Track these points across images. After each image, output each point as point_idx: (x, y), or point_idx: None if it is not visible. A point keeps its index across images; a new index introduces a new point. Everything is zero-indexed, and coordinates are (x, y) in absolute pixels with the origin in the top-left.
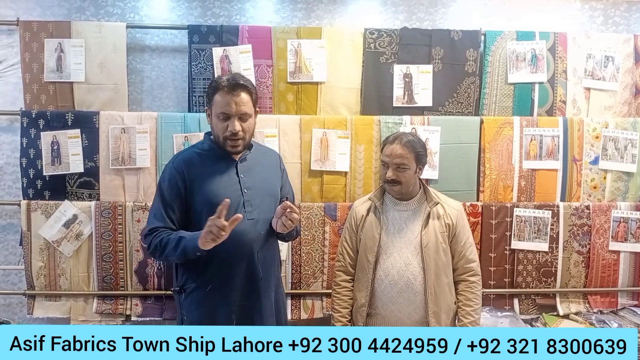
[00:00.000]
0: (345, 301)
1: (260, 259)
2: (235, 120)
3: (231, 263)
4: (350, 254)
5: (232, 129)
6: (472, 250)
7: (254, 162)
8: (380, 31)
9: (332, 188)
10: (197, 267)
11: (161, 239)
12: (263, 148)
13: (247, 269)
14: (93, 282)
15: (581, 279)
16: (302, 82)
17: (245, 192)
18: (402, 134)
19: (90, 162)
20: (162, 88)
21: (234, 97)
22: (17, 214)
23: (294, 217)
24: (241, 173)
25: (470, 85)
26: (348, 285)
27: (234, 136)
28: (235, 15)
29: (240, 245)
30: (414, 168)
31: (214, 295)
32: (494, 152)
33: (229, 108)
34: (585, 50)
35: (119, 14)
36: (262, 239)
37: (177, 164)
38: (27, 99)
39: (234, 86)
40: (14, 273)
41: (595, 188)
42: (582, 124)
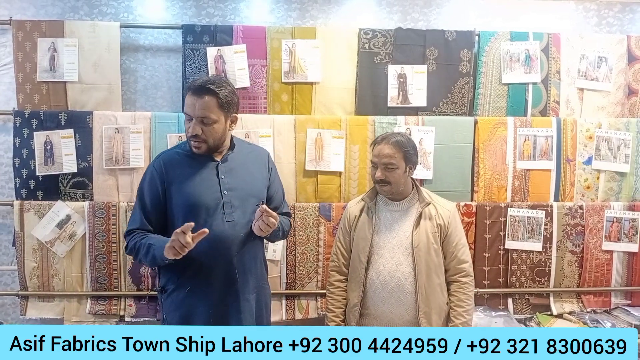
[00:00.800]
0: (339, 301)
1: (238, 261)
2: (196, 123)
3: (209, 265)
4: (344, 254)
5: (192, 132)
6: (465, 251)
7: (236, 163)
8: (375, 31)
9: (327, 188)
10: (177, 269)
11: (135, 242)
12: (250, 147)
13: (225, 272)
14: (87, 282)
15: (575, 279)
16: (297, 82)
17: (225, 194)
18: (390, 134)
19: (83, 162)
20: (156, 88)
21: (197, 100)
22: (10, 214)
23: (270, 221)
24: (222, 174)
25: (465, 86)
26: (342, 285)
27: (193, 138)
28: (229, 15)
29: (218, 248)
30: (403, 167)
31: (192, 296)
32: (488, 152)
33: (190, 109)
34: (579, 50)
35: (112, 13)
36: (241, 241)
37: (157, 165)
38: (20, 99)
39: (199, 89)
40: (7, 274)
41: (589, 188)
42: (575, 125)
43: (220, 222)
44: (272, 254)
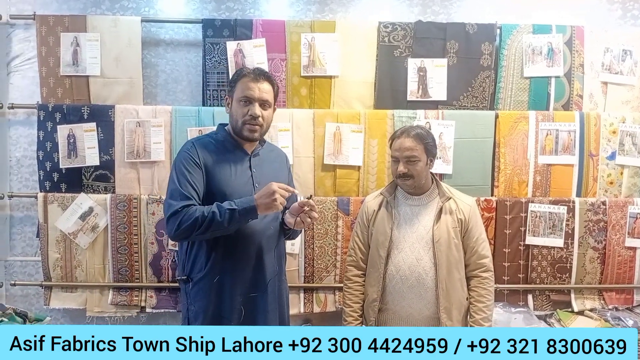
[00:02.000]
0: (356, 296)
1: (267, 252)
2: (257, 105)
3: (238, 256)
4: (362, 249)
5: (253, 113)
6: (485, 246)
7: (264, 158)
8: (395, 25)
9: (345, 182)
10: (205, 258)
11: (204, 211)
12: (271, 146)
13: (254, 262)
14: (108, 273)
15: (596, 275)
16: (316, 76)
17: (256, 187)
18: (409, 127)
19: (105, 155)
20: (176, 82)
21: (258, 84)
22: (34, 206)
23: (313, 215)
24: (254, 167)
25: (485, 79)
26: (359, 280)
27: (253, 120)
28: (249, 9)
29: (247, 239)
30: (425, 160)
31: (221, 286)
32: (509, 146)
33: (251, 92)
34: (603, 43)
35: (134, 8)
36: (270, 233)
37: (192, 148)
38: (44, 93)
39: (259, 74)
40: (30, 264)
41: (612, 184)
42: (599, 119)
43: None
44: (290, 247)
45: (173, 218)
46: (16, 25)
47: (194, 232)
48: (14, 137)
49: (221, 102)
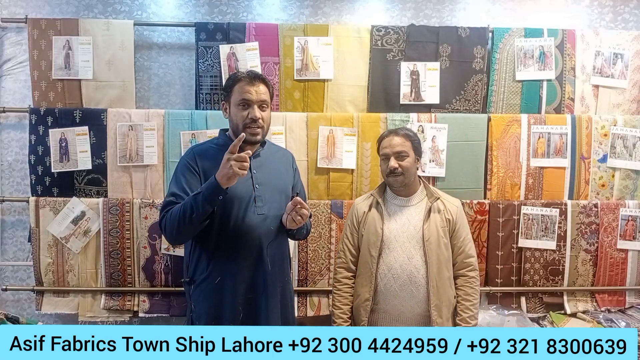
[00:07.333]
0: (346, 298)
1: (268, 254)
2: (256, 107)
3: (240, 257)
4: (352, 251)
5: (253, 116)
6: (471, 245)
7: (266, 159)
8: (387, 28)
9: (339, 185)
10: (207, 260)
11: (179, 206)
12: (276, 147)
13: (255, 264)
14: (101, 278)
15: (589, 278)
16: (309, 79)
17: (257, 188)
18: (396, 128)
19: (98, 159)
20: (169, 85)
21: (254, 87)
22: (26, 210)
23: (303, 212)
24: (254, 169)
25: (478, 83)
26: (349, 282)
27: (253, 123)
28: (242, 12)
29: (249, 240)
30: (413, 157)
31: (222, 287)
32: (501, 149)
33: (249, 95)
34: (594, 47)
35: (126, 11)
36: (271, 235)
37: (191, 156)
38: (36, 96)
39: (254, 77)
40: (22, 269)
41: (604, 186)
42: (590, 122)
43: (252, 214)
44: None
45: (162, 225)
46: (8, 29)
47: (181, 228)
48: (6, 141)
49: (214, 105)
